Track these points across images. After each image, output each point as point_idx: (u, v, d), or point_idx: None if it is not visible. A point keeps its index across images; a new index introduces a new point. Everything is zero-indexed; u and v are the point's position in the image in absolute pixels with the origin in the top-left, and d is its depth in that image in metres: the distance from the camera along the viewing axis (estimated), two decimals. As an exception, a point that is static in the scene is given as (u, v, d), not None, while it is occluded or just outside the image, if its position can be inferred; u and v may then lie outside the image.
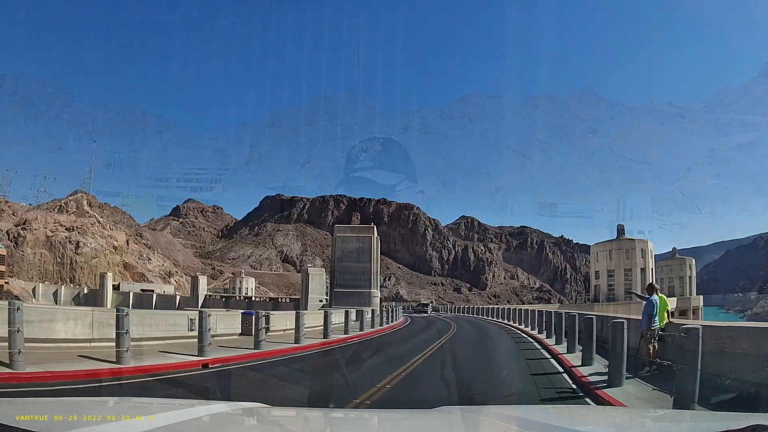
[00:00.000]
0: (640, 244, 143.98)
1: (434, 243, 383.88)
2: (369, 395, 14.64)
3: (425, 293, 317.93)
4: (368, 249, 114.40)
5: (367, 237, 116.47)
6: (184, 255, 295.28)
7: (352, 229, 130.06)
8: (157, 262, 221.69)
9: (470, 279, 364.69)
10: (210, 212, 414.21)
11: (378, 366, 24.03)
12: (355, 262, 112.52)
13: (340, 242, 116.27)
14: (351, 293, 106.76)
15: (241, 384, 18.53)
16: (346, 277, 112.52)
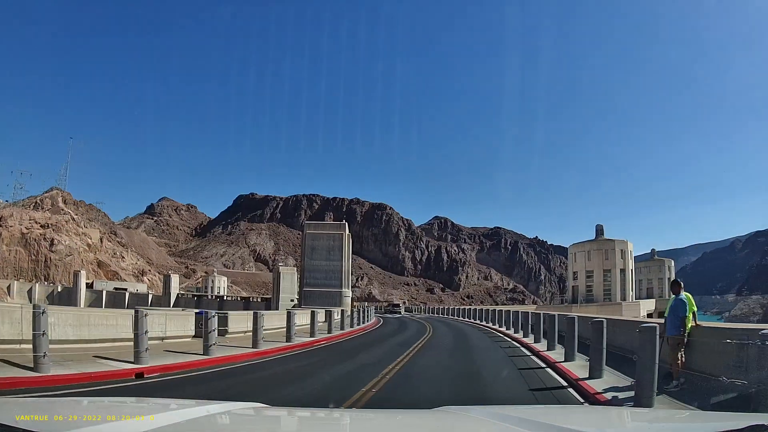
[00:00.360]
0: (619, 245, 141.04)
1: (407, 243, 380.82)
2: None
3: (398, 293, 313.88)
4: (339, 247, 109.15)
5: (339, 234, 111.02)
6: (158, 253, 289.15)
7: (323, 226, 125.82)
8: (130, 260, 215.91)
9: (443, 280, 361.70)
10: (184, 210, 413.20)
11: (344, 378, 20.45)
12: (326, 260, 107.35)
13: (310, 239, 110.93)
14: (321, 293, 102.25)
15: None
16: (316, 276, 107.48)
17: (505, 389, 18.41)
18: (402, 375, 20.60)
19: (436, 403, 6.76)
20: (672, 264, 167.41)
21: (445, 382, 19.75)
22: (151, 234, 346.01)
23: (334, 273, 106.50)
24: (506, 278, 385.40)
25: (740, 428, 3.49)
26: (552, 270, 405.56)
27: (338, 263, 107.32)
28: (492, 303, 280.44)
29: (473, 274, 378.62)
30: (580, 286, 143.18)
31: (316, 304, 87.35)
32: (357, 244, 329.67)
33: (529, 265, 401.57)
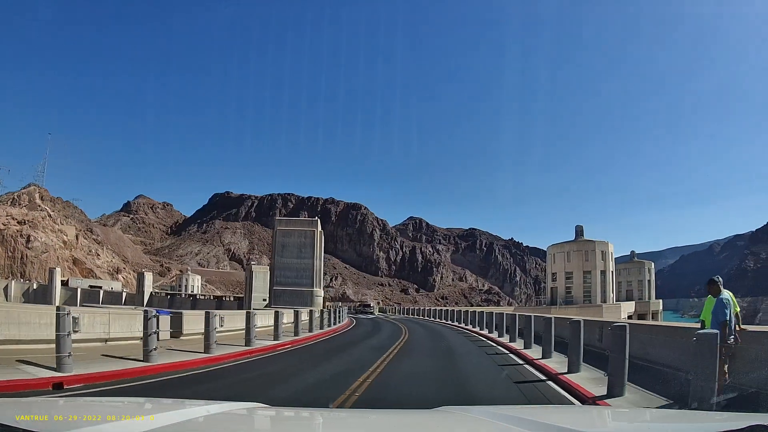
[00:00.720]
0: (600, 246, 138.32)
1: (381, 243, 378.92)
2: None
3: (372, 294, 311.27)
4: (311, 244, 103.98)
5: (310, 231, 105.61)
6: (134, 251, 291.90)
7: (294, 223, 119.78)
8: (105, 258, 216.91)
9: (418, 280, 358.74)
10: (160, 209, 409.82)
11: (306, 392, 17.28)
12: (297, 258, 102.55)
13: (280, 236, 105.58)
14: (292, 292, 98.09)
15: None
16: (286, 275, 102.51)
17: (499, 398, 16.98)
18: (377, 387, 17.68)
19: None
20: (652, 266, 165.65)
21: (430, 394, 17.32)
22: (127, 232, 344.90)
23: (306, 271, 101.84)
24: (481, 279, 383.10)
25: (740, 428, 3.54)
26: (528, 272, 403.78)
27: (309, 261, 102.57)
28: (467, 304, 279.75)
29: (448, 275, 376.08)
30: (560, 288, 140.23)
31: (287, 303, 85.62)
32: (331, 244, 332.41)
33: (505, 266, 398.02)
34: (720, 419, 5.20)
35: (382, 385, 18.08)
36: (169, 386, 17.75)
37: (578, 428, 4.26)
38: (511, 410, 5.86)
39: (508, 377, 20.79)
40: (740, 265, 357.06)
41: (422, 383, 19.63)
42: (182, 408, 5.20)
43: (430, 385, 19.11)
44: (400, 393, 17.48)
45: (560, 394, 17.24)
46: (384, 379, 19.30)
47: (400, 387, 18.56)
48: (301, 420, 5.95)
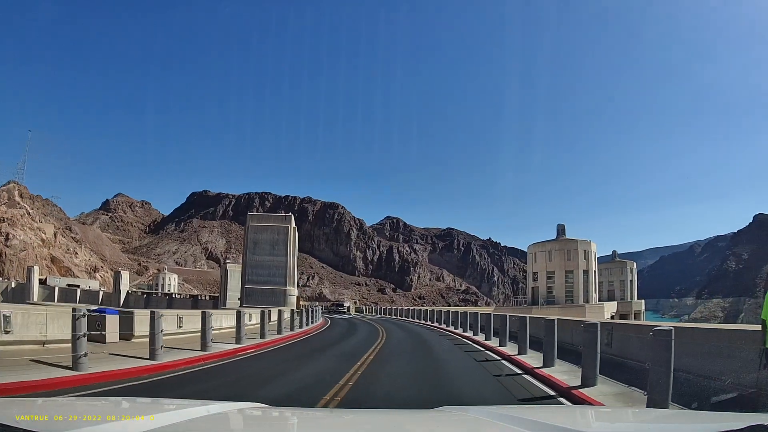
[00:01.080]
0: (582, 245, 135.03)
1: (359, 243, 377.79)
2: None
3: (349, 293, 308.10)
4: (284, 241, 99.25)
5: (284, 227, 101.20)
6: (112, 250, 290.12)
7: (267, 218, 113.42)
8: (84, 256, 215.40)
9: (395, 280, 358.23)
10: (138, 207, 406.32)
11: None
12: (270, 255, 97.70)
13: (252, 232, 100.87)
14: (265, 291, 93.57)
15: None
16: (259, 273, 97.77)
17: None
18: (353, 404, 14.70)
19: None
20: (634, 266, 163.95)
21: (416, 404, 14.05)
22: (105, 230, 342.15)
23: (279, 269, 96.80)
24: (459, 279, 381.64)
25: (740, 428, 3.52)
26: (505, 272, 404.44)
27: (283, 259, 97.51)
28: (444, 304, 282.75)
29: (425, 274, 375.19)
30: (541, 288, 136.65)
31: (259, 303, 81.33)
32: (308, 243, 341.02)
33: (482, 266, 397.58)
34: (720, 419, 4.98)
35: (358, 402, 15.22)
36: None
37: (578, 428, 4.38)
38: (511, 410, 5.88)
39: (498, 382, 19.89)
40: (722, 266, 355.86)
41: (406, 398, 16.34)
42: (182, 408, 5.13)
43: (415, 398, 16.24)
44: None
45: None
46: (358, 396, 16.13)
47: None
48: (301, 420, 5.77)
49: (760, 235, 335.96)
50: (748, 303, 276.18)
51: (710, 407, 13.02)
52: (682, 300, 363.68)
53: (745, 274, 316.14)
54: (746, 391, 12.58)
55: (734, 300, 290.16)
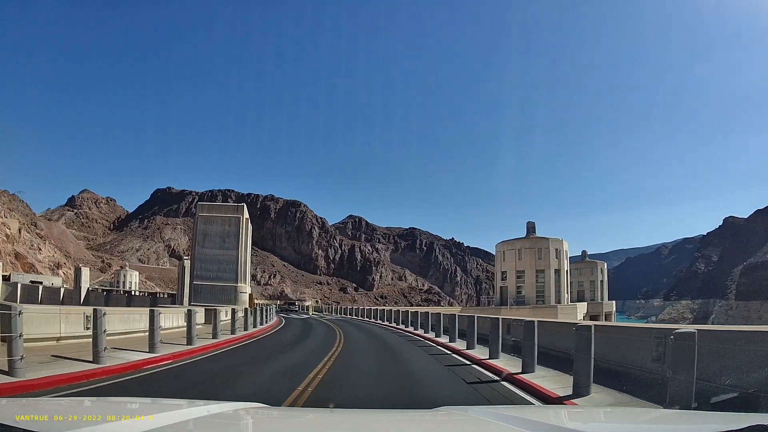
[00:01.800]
0: (554, 244, 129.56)
1: (320, 241, 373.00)
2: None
3: (311, 292, 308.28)
4: (235, 233, 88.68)
5: (235, 218, 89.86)
6: (76, 246, 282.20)
7: (218, 209, 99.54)
8: (47, 252, 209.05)
9: (357, 279, 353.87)
10: (104, 204, 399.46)
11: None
12: (220, 248, 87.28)
13: (202, 223, 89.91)
14: (213, 287, 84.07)
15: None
16: (208, 268, 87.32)
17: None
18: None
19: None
20: (605, 266, 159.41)
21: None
22: (71, 227, 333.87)
23: (229, 264, 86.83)
24: (421, 279, 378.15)
25: (740, 428, 3.58)
26: (468, 272, 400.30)
27: (234, 252, 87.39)
28: (406, 304, 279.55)
29: (387, 274, 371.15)
30: (510, 287, 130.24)
31: (209, 300, 74.23)
32: (270, 241, 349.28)
33: (445, 266, 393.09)
34: (720, 419, 5.13)
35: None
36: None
37: (578, 428, 4.49)
38: (511, 410, 6.24)
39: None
40: (690, 268, 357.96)
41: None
42: (182, 408, 5.24)
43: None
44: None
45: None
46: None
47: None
48: (302, 420, 5.86)
49: (730, 237, 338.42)
50: (718, 305, 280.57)
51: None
52: (649, 301, 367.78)
53: (715, 276, 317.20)
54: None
55: (703, 302, 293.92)
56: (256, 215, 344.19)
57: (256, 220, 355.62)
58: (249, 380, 19.04)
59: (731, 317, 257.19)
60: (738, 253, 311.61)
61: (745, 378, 12.01)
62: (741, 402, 11.20)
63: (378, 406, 15.07)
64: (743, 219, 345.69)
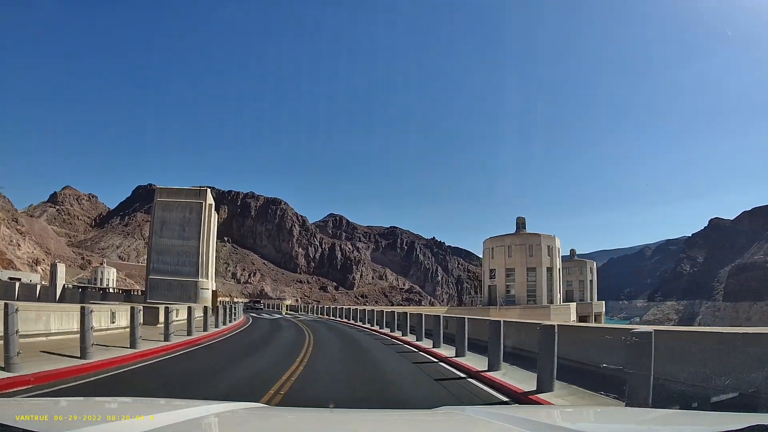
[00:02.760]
0: (546, 240, 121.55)
1: (301, 240, 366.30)
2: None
3: (291, 291, 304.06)
4: (197, 221, 77.24)
5: (197, 204, 78.54)
6: (57, 243, 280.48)
7: (178, 192, 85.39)
8: (26, 249, 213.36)
9: (337, 278, 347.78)
10: (85, 200, 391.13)
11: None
12: (179, 238, 76.14)
13: (160, 210, 78.79)
14: (171, 282, 73.48)
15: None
16: (166, 260, 76.45)
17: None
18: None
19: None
20: (594, 265, 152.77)
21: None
22: (52, 223, 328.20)
23: (189, 256, 75.76)
24: (402, 278, 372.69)
25: (740, 428, 3.61)
26: (450, 271, 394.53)
27: (195, 243, 76.25)
28: (387, 303, 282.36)
29: (368, 273, 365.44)
30: (499, 286, 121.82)
31: (166, 297, 66.03)
32: (250, 239, 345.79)
33: (426, 265, 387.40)
34: (720, 419, 5.07)
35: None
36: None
37: (577, 428, 4.45)
38: (510, 410, 6.70)
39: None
40: (675, 269, 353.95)
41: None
42: (182, 408, 5.20)
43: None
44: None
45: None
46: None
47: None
48: (302, 420, 5.81)
49: (715, 238, 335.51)
50: (705, 306, 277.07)
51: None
52: (632, 302, 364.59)
53: (700, 277, 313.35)
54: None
55: (689, 303, 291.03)
56: (236, 213, 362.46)
57: (237, 218, 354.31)
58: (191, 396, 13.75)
59: (719, 318, 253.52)
60: (724, 254, 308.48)
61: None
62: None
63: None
64: (729, 220, 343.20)
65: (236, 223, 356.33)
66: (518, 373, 19.07)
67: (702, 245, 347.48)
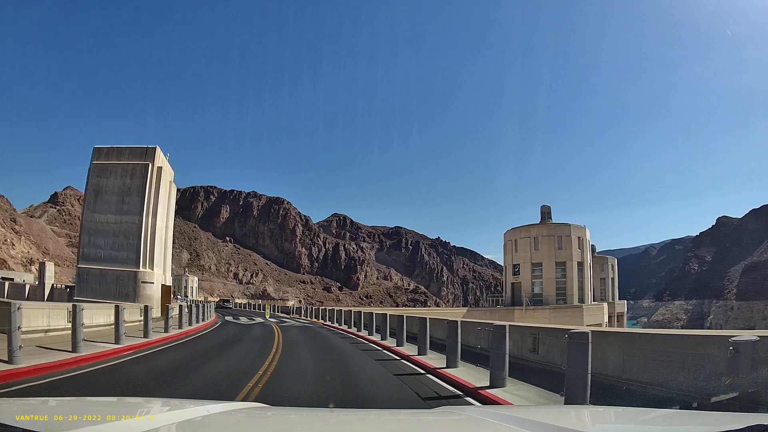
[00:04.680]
0: (576, 231, 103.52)
1: (304, 240, 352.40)
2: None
3: (294, 291, 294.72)
4: (139, 189, 52.30)
5: (141, 167, 53.22)
6: (56, 244, 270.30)
7: (120, 152, 55.01)
8: (21, 248, 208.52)
9: (341, 278, 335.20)
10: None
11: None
12: (116, 213, 51.66)
13: (95, 176, 53.32)
14: (105, 273, 50.16)
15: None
16: (99, 243, 51.37)
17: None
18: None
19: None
20: (615, 262, 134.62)
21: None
22: (53, 223, 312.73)
23: (127, 237, 51.14)
24: (407, 278, 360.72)
25: (740, 428, 3.56)
26: (455, 272, 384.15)
27: (135, 218, 51.42)
28: (392, 303, 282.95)
29: (372, 273, 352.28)
30: (524, 283, 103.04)
31: (97, 294, 46.52)
32: (252, 238, 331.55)
33: (431, 265, 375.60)
34: (720, 419, 4.95)
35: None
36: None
37: (579, 428, 4.40)
38: (510, 410, 6.39)
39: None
40: (683, 268, 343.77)
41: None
42: (182, 408, 5.17)
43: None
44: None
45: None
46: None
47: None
48: (302, 419, 5.67)
49: (723, 237, 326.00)
50: (716, 305, 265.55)
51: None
52: (638, 302, 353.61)
53: (708, 276, 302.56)
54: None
55: (698, 302, 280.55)
56: (238, 212, 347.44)
57: (239, 218, 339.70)
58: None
59: (731, 318, 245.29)
60: (732, 253, 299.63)
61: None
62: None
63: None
64: (737, 219, 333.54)
65: (238, 222, 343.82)
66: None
67: (709, 244, 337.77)
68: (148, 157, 51.13)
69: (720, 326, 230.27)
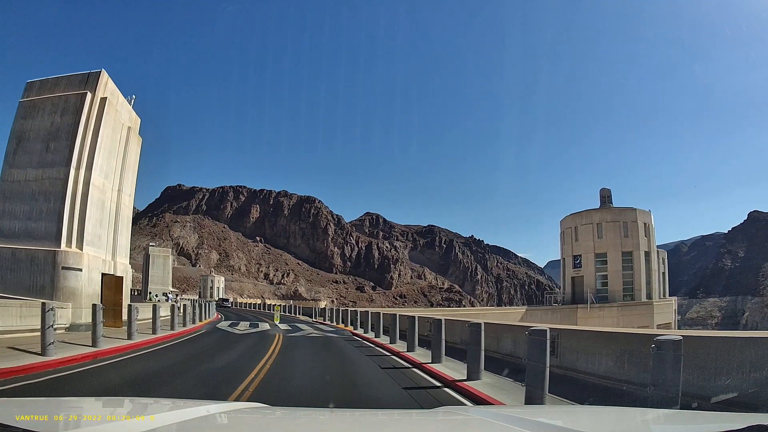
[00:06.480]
0: (642, 216, 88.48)
1: (336, 239, 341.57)
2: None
3: (326, 291, 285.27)
4: (69, 129, 33.37)
5: (75, 98, 34.34)
6: None
7: (54, 85, 35.23)
8: None
9: (374, 278, 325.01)
10: None
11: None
12: (38, 166, 33.24)
13: (20, 117, 34.53)
14: (17, 254, 31.61)
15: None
16: (14, 210, 33.09)
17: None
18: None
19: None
20: (665, 256, 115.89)
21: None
22: None
23: (48, 199, 32.67)
24: (441, 277, 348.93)
25: (740, 428, 3.44)
26: (489, 270, 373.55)
27: (60, 172, 32.63)
28: (426, 303, 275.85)
29: (406, 272, 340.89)
30: (587, 277, 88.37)
31: (7, 285, 30.59)
32: (284, 238, 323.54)
33: (465, 264, 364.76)
34: (720, 419, 4.86)
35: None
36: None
37: (580, 428, 4.29)
38: (511, 410, 6.14)
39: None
40: (716, 264, 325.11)
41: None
42: (182, 408, 5.00)
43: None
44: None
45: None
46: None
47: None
48: (302, 419, 5.50)
49: (755, 232, 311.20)
50: (751, 302, 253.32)
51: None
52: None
53: (742, 273, 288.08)
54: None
55: (732, 299, 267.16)
56: (269, 212, 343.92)
57: (269, 217, 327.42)
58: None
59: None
60: (766, 248, 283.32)
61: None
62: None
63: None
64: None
65: (269, 222, 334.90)
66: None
67: (741, 239, 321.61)
68: (87, 85, 32.39)
69: (756, 324, 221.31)
